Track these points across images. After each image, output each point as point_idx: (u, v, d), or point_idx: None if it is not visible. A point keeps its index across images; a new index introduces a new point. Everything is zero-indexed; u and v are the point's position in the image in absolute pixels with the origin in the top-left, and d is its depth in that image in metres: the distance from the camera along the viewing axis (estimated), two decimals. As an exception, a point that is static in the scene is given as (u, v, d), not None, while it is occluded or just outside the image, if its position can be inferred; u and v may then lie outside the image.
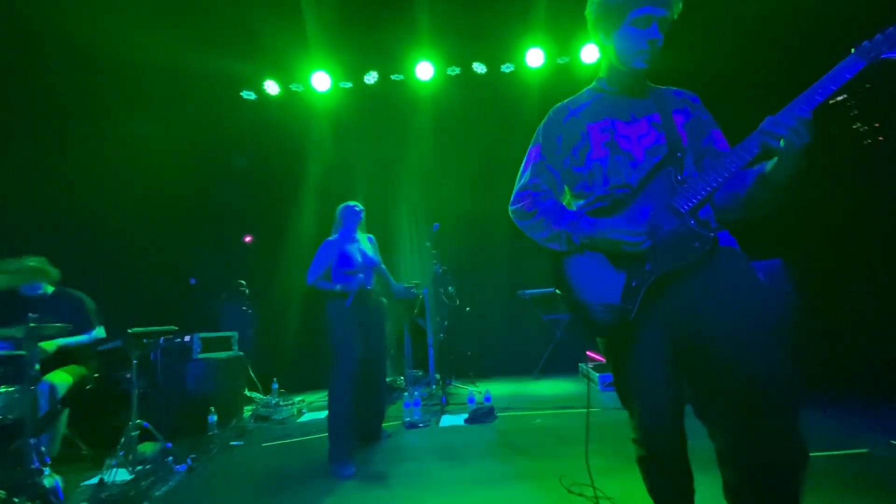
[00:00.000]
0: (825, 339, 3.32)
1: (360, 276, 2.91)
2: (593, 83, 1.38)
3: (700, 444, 1.20)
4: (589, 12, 1.29)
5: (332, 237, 3.02)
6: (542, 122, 1.40)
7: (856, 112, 3.75)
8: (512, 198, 1.41)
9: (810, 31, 3.61)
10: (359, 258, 2.94)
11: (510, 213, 1.41)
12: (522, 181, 1.39)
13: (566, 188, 1.39)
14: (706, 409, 1.12)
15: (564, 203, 1.39)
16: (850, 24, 3.15)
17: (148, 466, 2.82)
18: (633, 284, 1.15)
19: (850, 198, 3.70)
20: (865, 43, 0.98)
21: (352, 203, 3.09)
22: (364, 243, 3.09)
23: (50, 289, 3.11)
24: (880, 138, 3.65)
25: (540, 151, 1.37)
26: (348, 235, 3.02)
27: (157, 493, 2.52)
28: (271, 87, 5.34)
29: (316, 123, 5.52)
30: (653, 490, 1.27)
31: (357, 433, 2.92)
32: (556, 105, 1.40)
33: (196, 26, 4.51)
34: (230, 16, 4.54)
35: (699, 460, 1.23)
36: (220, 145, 5.44)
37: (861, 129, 3.71)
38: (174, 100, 5.00)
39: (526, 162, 1.41)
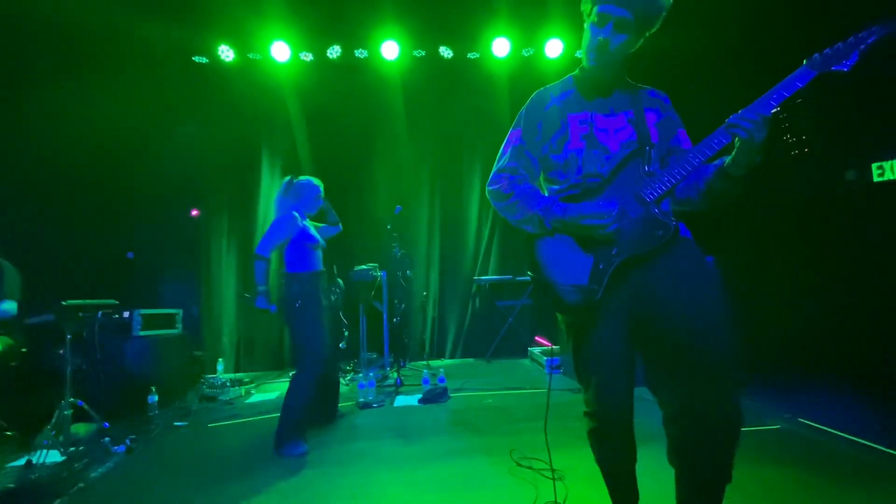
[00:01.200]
0: (748, 326, 3.66)
1: (320, 253, 2.83)
2: (576, 71, 1.42)
3: (641, 420, 1.33)
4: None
5: (287, 212, 2.78)
6: (525, 107, 1.44)
7: (787, 125, 4.10)
8: (490, 178, 1.44)
9: (784, 26, 3.86)
10: (318, 237, 2.85)
11: (487, 193, 1.45)
12: (501, 163, 1.43)
13: (541, 173, 1.45)
14: (658, 380, 1.23)
15: (538, 186, 1.45)
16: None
17: (82, 448, 2.67)
18: (601, 267, 1.23)
19: (778, 203, 4.08)
20: (816, 55, 1.09)
21: (315, 182, 2.93)
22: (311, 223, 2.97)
23: None
24: (806, 150, 4.02)
25: (520, 136, 1.41)
26: (302, 214, 2.84)
27: (93, 475, 2.38)
28: (226, 53, 5.02)
29: (275, 94, 5.24)
30: (601, 459, 1.38)
31: (314, 415, 2.84)
32: (539, 90, 1.44)
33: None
34: None
35: (640, 435, 1.35)
36: (167, 112, 5.06)
37: (790, 140, 4.08)
38: (115, 65, 4.58)
39: (506, 144, 1.44)
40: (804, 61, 1.09)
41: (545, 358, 4.55)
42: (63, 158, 4.39)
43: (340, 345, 4.07)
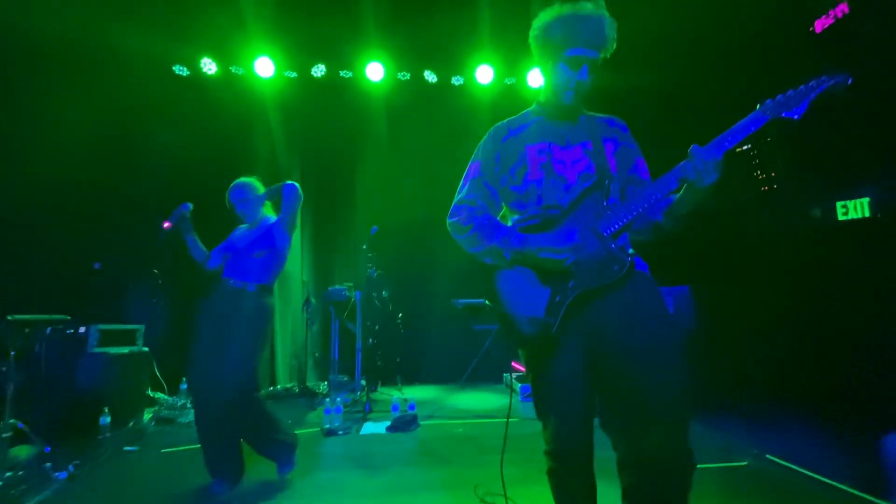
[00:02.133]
0: (719, 358, 3.69)
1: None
2: (533, 105, 1.45)
3: (603, 454, 1.29)
4: (531, 40, 1.36)
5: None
6: (482, 140, 1.46)
7: (756, 161, 4.23)
8: (450, 211, 1.44)
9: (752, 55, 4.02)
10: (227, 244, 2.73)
11: (448, 226, 1.45)
12: (460, 195, 1.44)
13: (503, 204, 1.45)
14: (611, 420, 1.21)
15: (500, 217, 1.45)
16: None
17: (20, 472, 2.48)
18: (557, 300, 1.22)
19: (748, 234, 4.18)
20: (769, 101, 1.13)
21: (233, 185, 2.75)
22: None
23: None
24: (774, 186, 4.15)
25: (479, 168, 1.43)
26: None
27: (30, 503, 2.22)
28: (208, 66, 4.99)
29: (257, 109, 5.21)
30: (560, 499, 1.32)
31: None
32: (497, 124, 1.46)
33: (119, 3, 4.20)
34: None
35: (602, 472, 1.31)
36: (142, 122, 4.96)
37: (759, 177, 4.20)
38: (89, 70, 4.51)
39: (465, 177, 1.46)
40: (757, 105, 1.12)
41: (519, 385, 4.48)
42: (33, 164, 4.25)
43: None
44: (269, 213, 2.73)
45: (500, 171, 1.40)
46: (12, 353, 2.53)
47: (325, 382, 4.81)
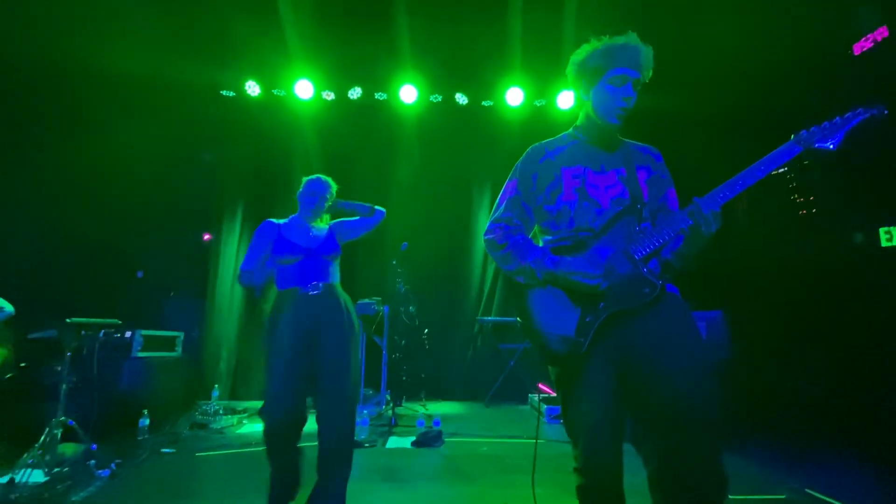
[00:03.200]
0: (754, 386, 3.56)
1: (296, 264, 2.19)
2: (570, 130, 1.49)
3: (631, 480, 1.29)
4: (570, 69, 1.41)
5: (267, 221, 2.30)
6: (521, 159, 1.49)
7: (794, 185, 4.14)
8: (486, 227, 1.48)
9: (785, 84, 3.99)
10: (295, 245, 2.20)
11: (484, 242, 1.48)
12: (497, 213, 1.47)
13: (536, 223, 1.48)
14: (641, 438, 1.22)
15: (532, 235, 1.49)
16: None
17: (66, 469, 2.63)
18: (587, 320, 1.25)
19: (786, 261, 4.06)
20: (803, 132, 1.16)
21: (311, 178, 2.38)
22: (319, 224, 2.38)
23: None
24: (813, 210, 4.03)
25: (516, 186, 1.46)
26: (297, 219, 2.34)
27: (74, 498, 2.34)
28: (252, 88, 5.29)
29: (296, 129, 5.48)
30: None
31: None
32: (535, 144, 1.50)
33: (177, 37, 4.60)
34: (211, 25, 4.61)
35: (632, 494, 1.30)
36: (191, 141, 5.29)
37: (797, 200, 4.10)
38: (152, 105, 4.95)
39: (502, 195, 1.49)
40: (791, 136, 1.15)
41: (546, 406, 4.42)
42: (87, 181, 4.63)
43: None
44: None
45: (537, 190, 1.43)
46: (68, 353, 2.70)
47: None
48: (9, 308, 2.94)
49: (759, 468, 2.89)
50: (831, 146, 1.11)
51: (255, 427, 3.88)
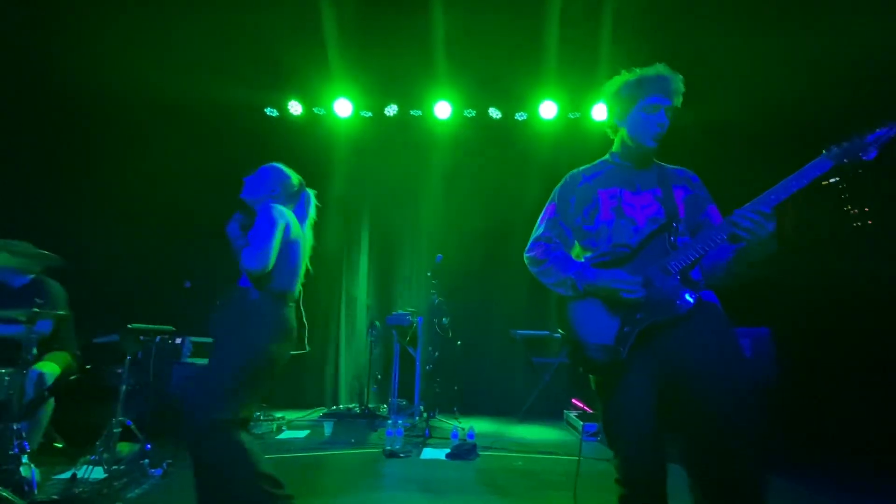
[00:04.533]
0: (801, 408, 3.38)
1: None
2: (606, 156, 1.58)
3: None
4: (605, 97, 1.50)
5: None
6: (559, 184, 1.59)
7: (847, 195, 3.94)
8: (527, 246, 1.58)
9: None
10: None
11: (525, 259, 1.58)
12: (537, 233, 1.58)
13: (576, 242, 1.56)
14: (684, 445, 1.24)
15: (573, 255, 1.57)
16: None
17: (123, 467, 2.78)
18: (626, 330, 1.29)
19: (837, 275, 3.85)
20: (833, 147, 1.16)
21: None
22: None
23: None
24: (869, 222, 3.83)
25: (555, 209, 1.56)
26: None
27: (130, 495, 2.48)
28: (294, 107, 5.56)
29: (335, 146, 5.70)
30: None
31: None
32: (573, 171, 1.59)
33: (228, 63, 4.94)
34: (256, 48, 4.89)
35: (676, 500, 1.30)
36: (237, 157, 5.58)
37: (851, 212, 3.90)
38: (202, 126, 5.32)
39: (542, 216, 1.60)
40: (823, 151, 1.15)
41: (581, 423, 4.33)
42: (146, 198, 5.03)
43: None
44: None
45: (575, 212, 1.52)
46: (128, 357, 2.89)
47: (385, 405, 4.94)
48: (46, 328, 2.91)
49: (805, 496, 2.73)
50: (869, 157, 1.10)
51: (294, 434, 3.99)
